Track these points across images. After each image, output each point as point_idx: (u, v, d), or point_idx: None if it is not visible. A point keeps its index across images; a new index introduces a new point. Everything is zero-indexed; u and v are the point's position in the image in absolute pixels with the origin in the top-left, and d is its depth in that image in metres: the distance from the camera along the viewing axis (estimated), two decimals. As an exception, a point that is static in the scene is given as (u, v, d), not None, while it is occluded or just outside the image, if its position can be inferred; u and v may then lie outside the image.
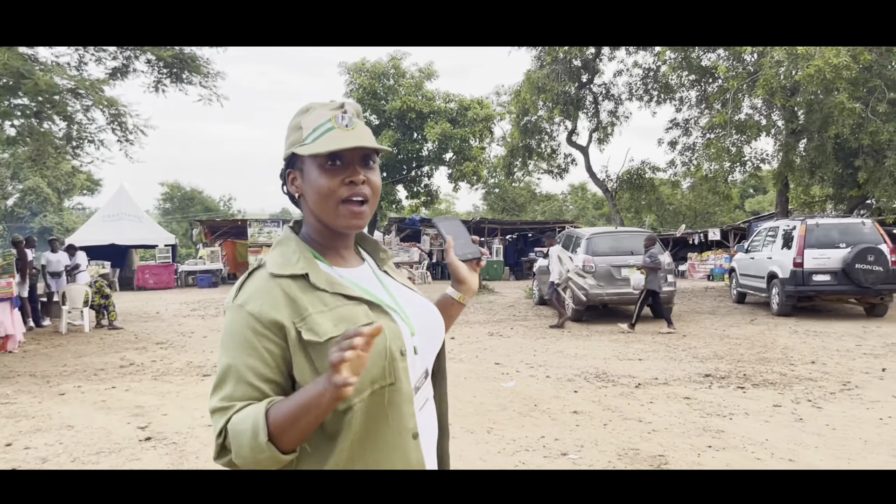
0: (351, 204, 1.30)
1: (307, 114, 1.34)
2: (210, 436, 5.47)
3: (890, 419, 5.76)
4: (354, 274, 1.38)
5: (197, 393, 7.10)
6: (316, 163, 1.30)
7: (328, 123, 1.30)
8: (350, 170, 1.30)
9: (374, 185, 1.33)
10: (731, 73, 16.08)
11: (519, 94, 20.40)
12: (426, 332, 1.40)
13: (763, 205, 48.28)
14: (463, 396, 6.77)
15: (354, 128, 1.31)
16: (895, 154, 13.83)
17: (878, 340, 10.04)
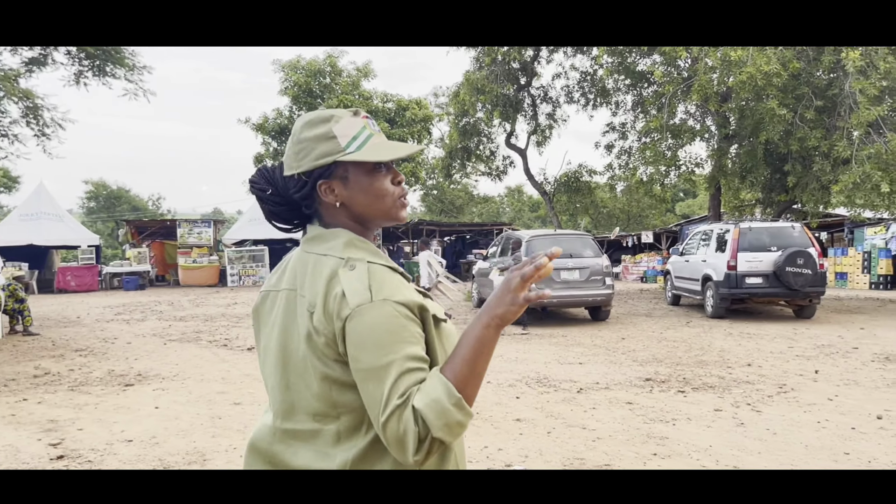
0: (403, 200, 1.46)
1: (336, 123, 1.40)
2: (131, 453, 5.08)
3: (827, 422, 5.79)
4: None
5: (117, 405, 6.64)
6: (363, 169, 1.39)
7: (365, 130, 1.40)
8: (393, 172, 1.44)
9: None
10: (667, 79, 16.29)
11: (457, 96, 20.26)
12: None
13: (693, 208, 49.63)
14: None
15: (382, 135, 1.46)
16: (822, 160, 14.23)
17: (808, 342, 10.26)
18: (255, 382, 7.69)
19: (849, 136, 13.61)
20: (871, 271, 23.52)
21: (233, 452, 5.06)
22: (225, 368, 8.61)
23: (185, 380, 7.88)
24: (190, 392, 7.20)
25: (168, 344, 10.84)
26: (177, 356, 9.60)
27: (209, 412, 6.32)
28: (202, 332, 12.21)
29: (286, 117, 26.68)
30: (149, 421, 6.02)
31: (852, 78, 13.40)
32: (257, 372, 8.34)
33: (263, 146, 26.79)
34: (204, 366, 8.81)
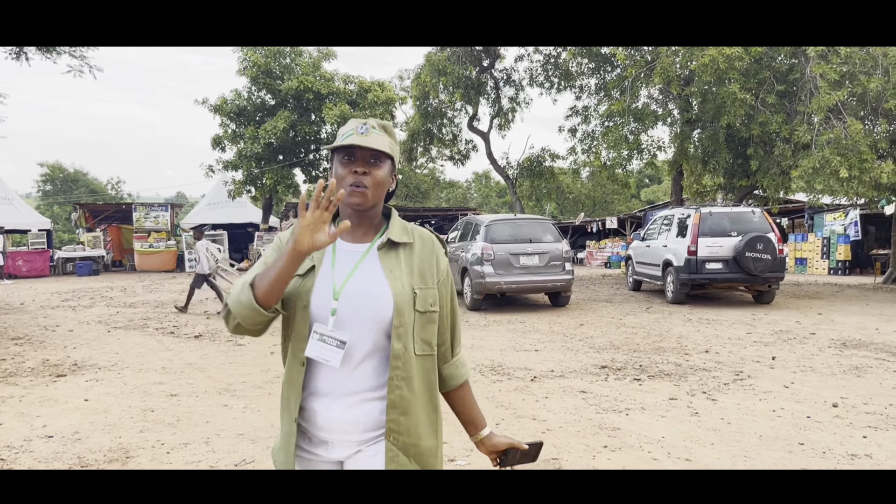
0: (353, 187, 1.74)
1: (344, 126, 1.82)
2: (49, 450, 4.73)
3: (783, 411, 5.65)
4: (347, 247, 1.82)
5: (44, 397, 6.25)
6: (338, 158, 1.77)
7: (350, 131, 1.77)
8: (356, 163, 1.75)
9: (375, 177, 1.76)
10: (629, 62, 16.12)
11: (420, 77, 19.86)
12: (349, 303, 1.73)
13: (658, 194, 49.93)
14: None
15: (368, 135, 1.76)
16: (783, 145, 14.20)
17: (766, 328, 10.19)
18: (196, 372, 7.35)
19: (809, 121, 13.58)
20: (830, 257, 23.80)
21: (159, 449, 4.73)
22: (167, 357, 8.24)
23: (122, 370, 7.49)
24: (125, 383, 6.83)
25: (112, 332, 10.40)
26: (119, 344, 9.18)
27: (142, 405, 5.97)
28: (150, 320, 11.77)
29: (245, 98, 25.98)
30: (75, 415, 5.65)
31: (813, 62, 13.35)
32: (201, 361, 7.99)
33: (222, 128, 26.06)
34: (146, 355, 8.42)
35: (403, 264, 1.81)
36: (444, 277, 1.89)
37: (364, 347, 1.75)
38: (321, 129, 26.29)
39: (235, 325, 1.71)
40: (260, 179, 25.98)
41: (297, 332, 1.74)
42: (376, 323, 1.75)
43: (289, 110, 25.25)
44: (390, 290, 1.75)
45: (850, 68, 13.65)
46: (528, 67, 20.98)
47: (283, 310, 1.75)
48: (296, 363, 1.75)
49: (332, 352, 1.71)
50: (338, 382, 1.75)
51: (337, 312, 1.72)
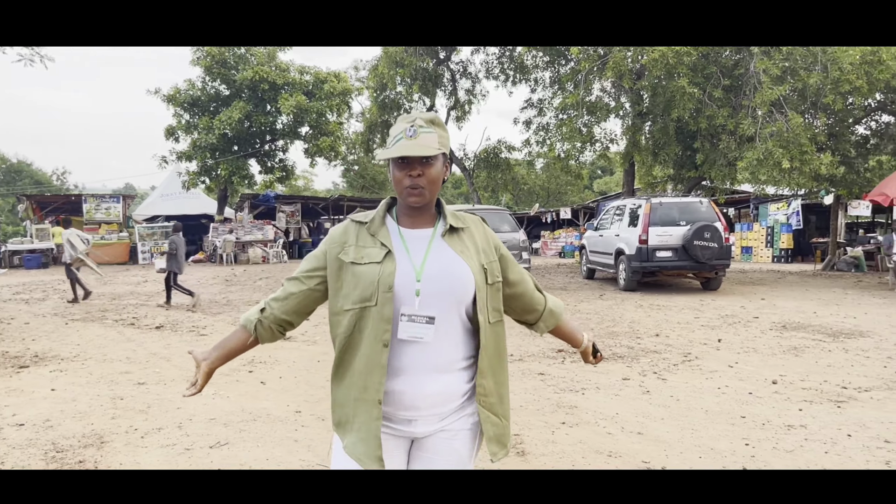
0: (411, 189, 1.87)
1: (393, 127, 1.91)
2: (22, 437, 4.81)
3: (727, 388, 6.03)
4: (412, 233, 1.94)
5: (9, 388, 6.27)
6: (392, 162, 1.87)
7: (400, 135, 1.85)
8: (411, 167, 1.85)
9: (430, 175, 1.87)
10: (583, 56, 16.49)
11: (377, 69, 19.94)
12: (434, 283, 1.86)
13: (610, 185, 50.82)
14: (316, 381, 6.43)
15: (417, 137, 1.84)
16: (728, 138, 14.75)
17: (713, 313, 10.67)
18: (162, 362, 7.42)
19: (753, 115, 14.14)
20: (773, 245, 24.72)
21: (133, 434, 4.85)
22: (130, 348, 8.27)
23: (85, 360, 7.51)
24: (90, 373, 6.88)
25: (70, 324, 10.33)
26: (78, 336, 9.16)
27: (110, 393, 6.05)
28: (108, 311, 11.70)
29: (198, 88, 25.67)
30: (44, 404, 5.70)
31: (756, 58, 13.89)
32: (165, 350, 8.06)
33: (175, 118, 25.72)
34: (108, 346, 8.44)
35: (469, 245, 1.96)
36: (500, 246, 2.08)
37: (445, 323, 1.87)
38: (277, 119, 26.17)
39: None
40: (215, 170, 25.76)
41: (379, 315, 1.82)
42: (457, 300, 1.88)
43: (244, 101, 25.07)
44: (469, 269, 1.90)
45: (791, 64, 14.25)
46: (484, 60, 21.25)
47: (355, 297, 1.87)
48: (376, 345, 1.83)
49: (423, 329, 1.84)
50: (424, 358, 1.86)
51: (421, 293, 1.84)
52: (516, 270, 2.12)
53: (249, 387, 6.28)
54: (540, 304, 2.20)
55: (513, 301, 2.14)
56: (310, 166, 28.59)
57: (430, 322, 1.84)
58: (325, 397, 5.85)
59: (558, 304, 2.27)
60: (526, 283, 2.16)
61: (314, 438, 4.76)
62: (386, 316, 1.82)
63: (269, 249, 25.85)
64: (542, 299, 2.21)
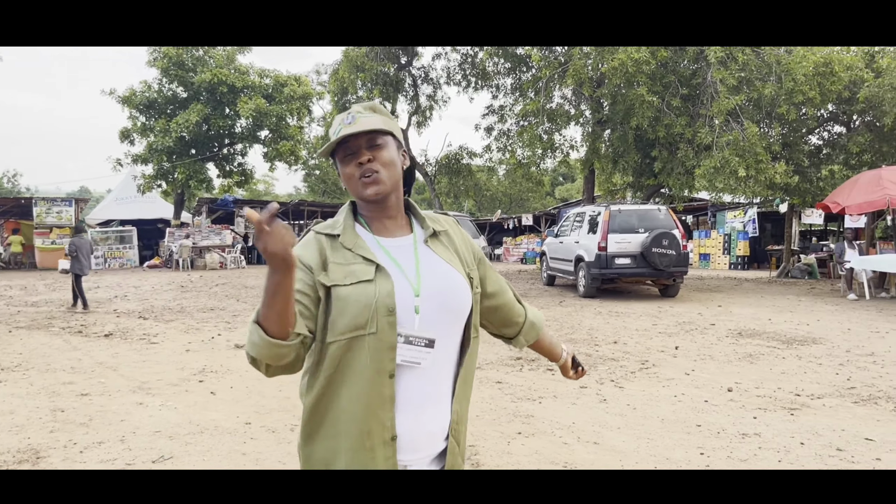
0: (364, 178, 1.60)
1: (331, 126, 1.67)
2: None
3: (683, 396, 6.03)
4: (391, 242, 1.66)
5: (-57, 400, 5.98)
6: (339, 158, 1.63)
7: (339, 126, 1.62)
8: (357, 154, 1.60)
9: (382, 158, 1.61)
10: (544, 63, 16.56)
11: (337, 73, 19.77)
12: (433, 299, 1.59)
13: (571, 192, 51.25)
14: (267, 391, 6.25)
15: (357, 121, 1.61)
16: (686, 146, 14.93)
17: (671, 320, 10.74)
18: (108, 371, 7.17)
19: (710, 124, 14.34)
20: (730, 252, 25.13)
21: (71, 448, 4.64)
22: (76, 357, 7.98)
23: (27, 370, 7.22)
24: (31, 384, 6.60)
25: (14, 332, 9.95)
26: (22, 345, 8.81)
27: (50, 405, 5.80)
28: (55, 319, 11.32)
29: (155, 90, 25.16)
30: (-22, 417, 5.44)
31: (714, 68, 14.09)
32: (112, 360, 7.79)
33: (130, 120, 25.16)
34: (52, 355, 8.13)
35: (453, 252, 1.72)
36: (478, 251, 1.83)
37: (442, 346, 1.62)
38: (236, 122, 25.79)
39: (266, 368, 1.51)
40: (171, 174, 25.26)
41: (379, 343, 1.52)
42: (456, 316, 1.64)
43: (202, 103, 24.65)
44: (464, 279, 1.67)
45: (746, 74, 14.49)
46: (446, 66, 21.26)
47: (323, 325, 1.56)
48: (378, 378, 1.53)
49: (422, 353, 1.57)
50: (420, 387, 1.60)
51: (420, 310, 1.58)
52: (494, 278, 1.89)
53: (198, 397, 6.09)
54: (520, 317, 1.96)
55: (491, 314, 1.90)
56: (269, 170, 28.17)
57: (429, 346, 1.58)
58: (276, 408, 5.70)
59: (538, 315, 2.04)
60: (506, 293, 1.92)
61: (263, 451, 4.61)
62: (390, 343, 1.53)
63: (226, 255, 25.42)
64: (522, 311, 1.98)
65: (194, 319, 11.09)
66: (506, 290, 1.94)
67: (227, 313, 11.85)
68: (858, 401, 5.89)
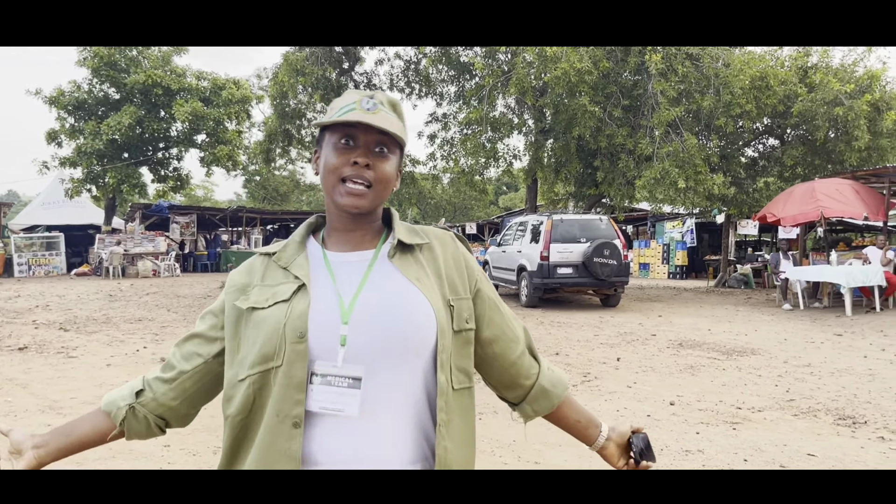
0: (352, 182, 1.31)
1: (341, 97, 1.37)
2: None
3: (626, 410, 5.90)
4: (341, 257, 1.36)
5: None
6: (332, 141, 1.33)
7: (352, 104, 1.32)
8: (357, 151, 1.31)
9: (381, 172, 1.33)
10: (487, 71, 16.48)
11: (277, 77, 19.29)
12: (369, 326, 1.25)
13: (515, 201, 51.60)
14: (190, 409, 5.85)
15: (377, 112, 1.31)
16: (627, 157, 15.03)
17: (612, 330, 10.70)
18: (18, 389, 6.64)
19: (651, 135, 14.46)
20: (669, 262, 25.54)
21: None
22: (-17, 373, 7.40)
23: (-75, 389, 6.64)
24: (-73, 404, 6.04)
25: (-82, 345, 9.23)
26: (-76, 360, 8.16)
27: (-54, 428, 5.28)
28: (-34, 331, 10.58)
29: (85, 91, 24.18)
30: None
31: (654, 80, 14.22)
32: (24, 376, 7.25)
33: (59, 121, 24.11)
34: (-43, 370, 7.53)
35: (429, 271, 1.36)
36: (481, 279, 1.44)
37: (385, 389, 1.26)
38: (171, 126, 24.99)
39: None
40: (102, 178, 24.31)
41: (286, 379, 1.22)
42: (406, 351, 1.26)
43: (135, 105, 23.81)
44: (429, 304, 1.29)
45: (686, 86, 14.69)
46: (389, 72, 20.97)
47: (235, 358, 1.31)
48: (281, 427, 1.22)
49: (344, 396, 1.23)
50: (346, 447, 1.24)
51: (347, 341, 1.24)
52: (498, 321, 1.45)
53: (115, 417, 5.65)
54: (529, 377, 1.49)
55: (487, 366, 1.46)
56: (206, 175, 27.42)
57: (354, 385, 1.23)
58: (199, 428, 5.32)
59: (558, 378, 1.53)
60: (510, 344, 1.46)
61: (179, 479, 4.24)
62: (296, 380, 1.22)
63: (160, 262, 24.55)
64: (535, 370, 1.50)
65: (120, 331, 10.53)
66: (513, 339, 1.47)
67: (156, 324, 11.30)
68: (798, 414, 5.86)
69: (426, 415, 1.30)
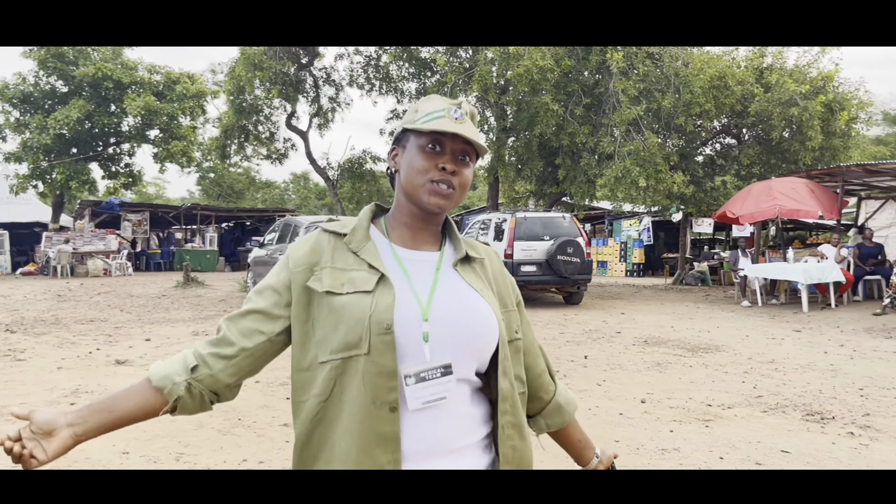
0: (439, 185, 1.37)
1: (427, 101, 1.44)
2: None
3: (598, 409, 5.84)
4: (410, 254, 1.42)
5: None
6: (418, 143, 1.39)
7: (441, 112, 1.38)
8: (446, 157, 1.38)
9: (464, 178, 1.40)
10: (449, 68, 16.37)
11: (234, 71, 18.87)
12: (448, 329, 1.34)
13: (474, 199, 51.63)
14: (149, 414, 5.59)
15: (464, 122, 1.39)
16: (589, 155, 15.08)
17: (577, 328, 10.69)
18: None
19: (612, 134, 14.54)
20: (626, 260, 25.80)
21: None
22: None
23: None
24: None
25: None
26: None
27: None
28: None
29: (31, 84, 23.33)
30: None
31: (616, 78, 14.29)
32: (-32, 381, 6.87)
33: (2, 115, 23.24)
34: None
35: (486, 284, 1.46)
36: (518, 295, 1.57)
37: (461, 374, 1.37)
38: (122, 120, 24.28)
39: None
40: (49, 174, 23.48)
41: (375, 367, 1.29)
42: (473, 354, 1.37)
43: (84, 99, 23.06)
44: (493, 313, 1.40)
45: (647, 85, 14.79)
46: (349, 67, 20.71)
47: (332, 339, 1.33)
48: (378, 412, 1.28)
49: (440, 385, 1.31)
50: (429, 433, 1.32)
51: (429, 338, 1.33)
52: (528, 333, 1.56)
53: (68, 423, 5.37)
54: (548, 392, 1.60)
55: None
56: (160, 172, 26.75)
57: (446, 372, 1.32)
58: (160, 434, 5.09)
59: (572, 398, 1.66)
60: (536, 356, 1.58)
61: (140, 488, 4.02)
62: (387, 368, 1.29)
63: (111, 261, 23.84)
64: (552, 387, 1.62)
65: (70, 332, 10.12)
66: (538, 354, 1.59)
67: (109, 325, 10.90)
68: (767, 410, 5.89)
69: (480, 409, 1.41)
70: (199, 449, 4.77)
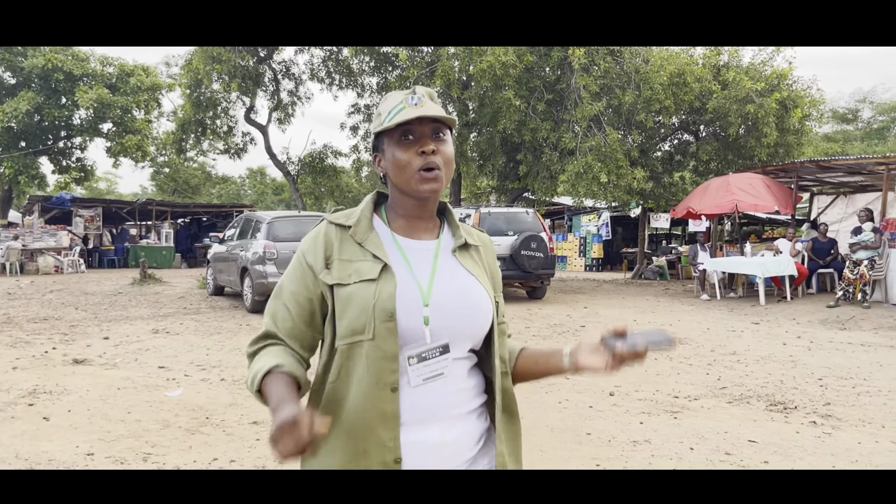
0: (425, 171, 1.44)
1: (385, 101, 1.52)
2: None
3: (568, 402, 5.89)
4: (410, 243, 1.51)
5: None
6: (392, 141, 1.47)
7: (400, 105, 1.46)
8: (421, 142, 1.45)
9: (446, 154, 1.47)
10: (411, 63, 16.29)
11: (191, 64, 18.49)
12: (447, 311, 1.45)
13: (433, 195, 51.63)
14: (114, 414, 5.46)
15: (423, 105, 1.45)
16: (550, 151, 15.18)
17: (542, 322, 10.76)
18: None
19: (573, 129, 14.65)
20: (586, 255, 26.09)
21: None
22: None
23: None
24: None
25: None
26: None
27: None
28: None
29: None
30: None
31: (577, 74, 14.40)
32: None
33: (-55, 108, 22.42)
34: None
35: (482, 269, 1.57)
36: (500, 282, 1.65)
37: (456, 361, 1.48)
38: (74, 113, 23.62)
39: None
40: (-4, 168, 22.72)
41: (379, 351, 1.39)
42: (470, 335, 1.50)
43: (33, 91, 22.36)
44: (488, 297, 1.52)
45: (608, 82, 14.94)
46: (309, 61, 20.48)
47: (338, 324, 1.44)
48: (379, 393, 1.39)
49: (439, 362, 1.44)
50: (428, 403, 1.44)
51: (430, 321, 1.44)
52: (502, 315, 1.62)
53: (28, 424, 5.20)
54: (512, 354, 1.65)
55: None
56: (113, 166, 26.11)
57: (444, 351, 1.44)
58: (125, 434, 4.96)
59: (512, 345, 1.69)
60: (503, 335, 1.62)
61: (108, 491, 3.91)
62: (389, 352, 1.40)
63: (63, 258, 23.16)
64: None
65: (24, 331, 9.80)
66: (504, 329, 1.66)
67: (64, 323, 10.59)
68: (732, 401, 6.01)
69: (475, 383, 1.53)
70: (167, 449, 4.66)
